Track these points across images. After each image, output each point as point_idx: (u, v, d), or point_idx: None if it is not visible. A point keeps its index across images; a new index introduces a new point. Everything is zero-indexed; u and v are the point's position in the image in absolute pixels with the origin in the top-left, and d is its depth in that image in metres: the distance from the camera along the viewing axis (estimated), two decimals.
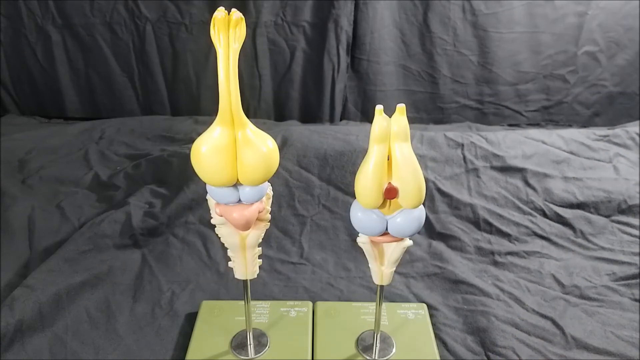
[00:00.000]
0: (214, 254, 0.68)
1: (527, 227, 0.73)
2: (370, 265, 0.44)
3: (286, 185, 0.77)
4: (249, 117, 0.38)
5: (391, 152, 0.36)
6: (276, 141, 0.40)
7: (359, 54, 1.04)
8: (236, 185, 0.40)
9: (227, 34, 0.35)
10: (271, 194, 0.43)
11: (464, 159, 0.81)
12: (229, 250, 0.45)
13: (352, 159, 0.79)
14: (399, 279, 0.64)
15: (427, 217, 0.73)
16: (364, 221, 0.39)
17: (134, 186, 0.81)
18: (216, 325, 0.54)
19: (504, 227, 0.73)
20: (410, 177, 0.36)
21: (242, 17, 0.35)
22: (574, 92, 1.09)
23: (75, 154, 0.93)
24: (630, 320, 0.57)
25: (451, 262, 0.67)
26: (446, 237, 0.72)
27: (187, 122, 1.05)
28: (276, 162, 0.40)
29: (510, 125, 1.11)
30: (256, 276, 0.46)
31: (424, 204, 0.39)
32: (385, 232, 0.40)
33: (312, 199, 0.76)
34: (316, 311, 0.57)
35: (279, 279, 0.65)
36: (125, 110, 1.12)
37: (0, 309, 0.54)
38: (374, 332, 0.50)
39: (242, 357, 0.51)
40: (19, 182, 0.83)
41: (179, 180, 0.79)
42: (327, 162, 0.79)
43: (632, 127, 0.93)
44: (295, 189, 0.77)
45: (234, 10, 0.35)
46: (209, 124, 0.38)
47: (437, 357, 0.51)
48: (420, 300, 0.61)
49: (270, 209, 0.43)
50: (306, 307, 0.57)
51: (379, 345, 0.51)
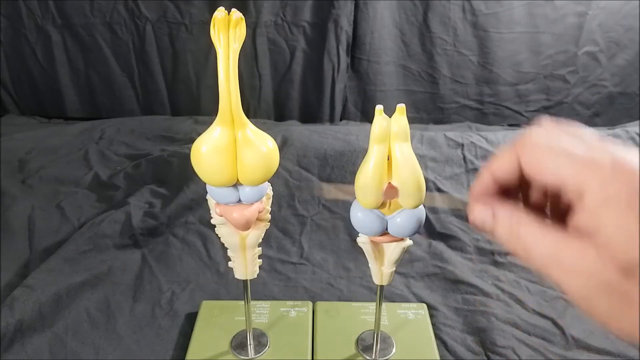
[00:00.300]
0: (214, 254, 0.68)
1: None
2: (370, 265, 0.44)
3: (286, 185, 0.77)
4: (249, 117, 0.38)
5: (391, 152, 0.36)
6: (276, 141, 0.40)
7: (359, 54, 1.04)
8: (236, 185, 0.40)
9: (227, 34, 0.35)
10: (271, 194, 0.43)
11: (464, 159, 0.81)
12: (229, 250, 0.45)
13: (352, 159, 0.79)
14: (399, 279, 0.64)
15: (427, 217, 0.73)
16: (364, 221, 0.39)
17: (134, 186, 0.81)
18: (216, 325, 0.54)
19: None
20: (410, 177, 0.36)
21: (242, 17, 0.35)
22: (574, 93, 1.09)
23: (75, 154, 0.93)
24: None
25: (451, 262, 0.67)
26: (446, 237, 0.72)
27: (187, 122, 1.05)
28: (276, 162, 0.40)
29: (510, 125, 1.11)
30: (256, 276, 0.46)
31: (424, 204, 0.39)
32: (385, 232, 0.40)
33: (312, 199, 0.76)
34: (316, 311, 0.57)
35: (279, 279, 0.64)
36: (125, 110, 1.12)
37: (0, 309, 0.54)
38: (374, 332, 0.50)
39: (242, 357, 0.51)
40: (19, 182, 0.83)
41: (179, 180, 0.79)
42: (327, 162, 0.79)
43: (632, 127, 0.93)
44: (295, 189, 0.77)
45: (234, 10, 0.35)
46: (209, 124, 0.38)
47: (437, 357, 0.51)
48: (420, 300, 0.61)
49: (270, 209, 0.43)
50: (306, 307, 0.57)
51: (379, 345, 0.51)
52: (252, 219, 0.41)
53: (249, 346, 0.51)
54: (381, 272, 0.44)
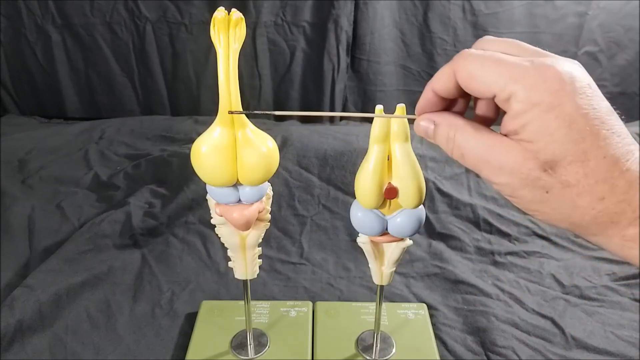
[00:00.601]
0: (214, 254, 0.68)
1: (527, 227, 0.73)
2: (370, 265, 0.44)
3: (286, 185, 0.77)
4: (249, 117, 0.38)
5: (391, 152, 0.36)
6: (276, 141, 0.40)
7: (359, 54, 1.04)
8: (236, 185, 0.40)
9: (227, 34, 0.35)
10: (271, 194, 0.43)
11: None
12: (229, 250, 0.45)
13: (352, 159, 0.79)
14: (399, 279, 0.64)
15: (427, 217, 0.73)
16: (364, 221, 0.39)
17: (134, 186, 0.81)
18: (216, 325, 0.54)
19: (504, 227, 0.73)
20: (410, 177, 0.36)
21: (242, 17, 0.35)
22: None
23: (75, 154, 0.93)
24: (630, 320, 0.57)
25: (451, 262, 0.67)
26: (446, 237, 0.72)
27: (187, 122, 1.05)
28: (276, 162, 0.40)
29: None
30: (256, 276, 0.46)
31: (424, 204, 0.39)
32: (385, 232, 0.40)
33: (312, 199, 0.76)
34: (316, 311, 0.57)
35: (279, 279, 0.64)
36: (125, 110, 1.12)
37: (0, 309, 0.54)
38: (374, 332, 0.50)
39: (242, 357, 0.51)
40: (19, 182, 0.83)
41: (179, 180, 0.79)
42: (327, 162, 0.79)
43: (632, 127, 0.93)
44: (295, 189, 0.77)
45: (234, 10, 0.35)
46: (209, 124, 0.38)
47: (437, 357, 0.51)
48: (420, 300, 0.61)
49: (270, 209, 0.43)
50: (306, 307, 0.57)
51: (379, 345, 0.51)
52: (252, 219, 0.41)
53: (249, 346, 0.51)
54: (381, 272, 0.44)
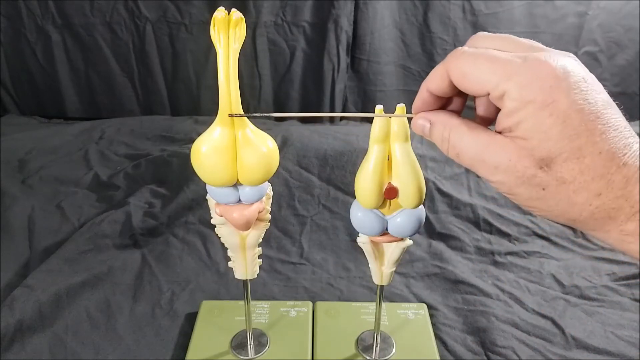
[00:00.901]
0: (214, 254, 0.68)
1: (527, 227, 0.73)
2: (370, 265, 0.44)
3: (286, 185, 0.77)
4: None
5: (391, 152, 0.36)
6: (276, 141, 0.40)
7: (359, 54, 1.04)
8: (236, 185, 0.40)
9: (227, 34, 0.35)
10: (271, 194, 0.43)
11: None
12: (229, 250, 0.45)
13: (352, 159, 0.79)
14: (399, 279, 0.64)
15: (427, 217, 0.73)
16: (364, 221, 0.39)
17: (134, 186, 0.81)
18: (216, 325, 0.54)
19: (504, 227, 0.73)
20: (410, 177, 0.36)
21: (242, 17, 0.35)
22: None
23: (75, 154, 0.93)
24: (630, 320, 0.57)
25: (451, 262, 0.67)
26: (446, 237, 0.72)
27: (187, 122, 1.05)
28: (276, 162, 0.40)
29: None
30: (256, 276, 0.46)
31: (424, 204, 0.39)
32: (385, 232, 0.40)
33: (312, 199, 0.76)
34: (316, 311, 0.57)
35: (279, 279, 0.64)
36: (125, 110, 1.12)
37: (0, 309, 0.54)
38: (374, 332, 0.50)
39: (242, 357, 0.51)
40: (19, 182, 0.83)
41: (179, 180, 0.79)
42: (327, 162, 0.79)
43: (632, 127, 0.93)
44: (295, 189, 0.77)
45: (234, 10, 0.35)
46: (209, 124, 0.38)
47: (437, 357, 0.51)
48: (420, 300, 0.61)
49: (270, 209, 0.43)
50: (306, 307, 0.57)
51: (379, 345, 0.51)
52: (252, 219, 0.41)
53: (249, 346, 0.51)
54: (381, 272, 0.44)
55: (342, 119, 1.09)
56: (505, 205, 0.76)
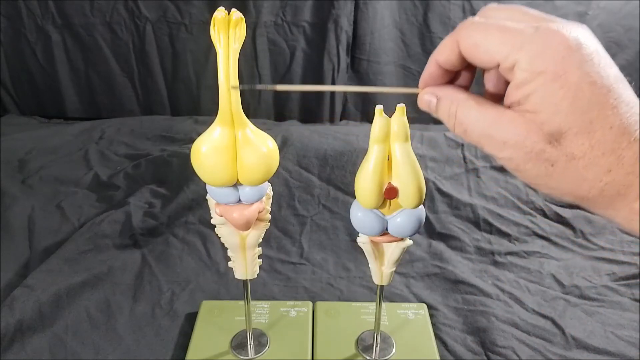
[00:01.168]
0: (214, 254, 0.68)
1: (527, 227, 0.73)
2: (370, 265, 0.44)
3: (286, 185, 0.77)
4: (249, 117, 0.38)
5: (391, 152, 0.36)
6: (276, 141, 0.40)
7: (359, 54, 1.04)
8: (236, 185, 0.40)
9: (227, 34, 0.35)
10: (271, 194, 0.43)
11: (464, 158, 0.81)
12: (229, 250, 0.45)
13: (352, 159, 0.79)
14: (399, 279, 0.64)
15: (427, 217, 0.73)
16: (364, 221, 0.39)
17: (134, 186, 0.81)
18: (216, 325, 0.54)
19: (504, 227, 0.73)
20: (410, 177, 0.36)
21: (242, 17, 0.35)
22: None
23: (75, 154, 0.93)
24: (630, 320, 0.57)
25: (451, 262, 0.67)
26: (446, 237, 0.72)
27: (187, 122, 1.05)
28: (276, 162, 0.40)
29: None
30: (256, 276, 0.46)
31: (424, 204, 0.39)
32: (385, 232, 0.40)
33: (312, 199, 0.76)
34: (316, 311, 0.57)
35: (279, 279, 0.64)
36: (125, 110, 1.12)
37: (0, 309, 0.54)
38: (374, 332, 0.50)
39: (242, 357, 0.51)
40: (19, 182, 0.83)
41: (179, 180, 0.79)
42: (327, 162, 0.79)
43: None
44: (295, 189, 0.77)
45: (234, 10, 0.35)
46: (209, 124, 0.38)
47: (437, 357, 0.51)
48: (420, 300, 0.61)
49: (270, 209, 0.43)
50: (306, 307, 0.57)
51: (379, 345, 0.51)
52: (252, 219, 0.41)
53: (249, 346, 0.51)
54: (381, 272, 0.44)
55: (342, 117, 1.09)
56: (505, 205, 0.76)
